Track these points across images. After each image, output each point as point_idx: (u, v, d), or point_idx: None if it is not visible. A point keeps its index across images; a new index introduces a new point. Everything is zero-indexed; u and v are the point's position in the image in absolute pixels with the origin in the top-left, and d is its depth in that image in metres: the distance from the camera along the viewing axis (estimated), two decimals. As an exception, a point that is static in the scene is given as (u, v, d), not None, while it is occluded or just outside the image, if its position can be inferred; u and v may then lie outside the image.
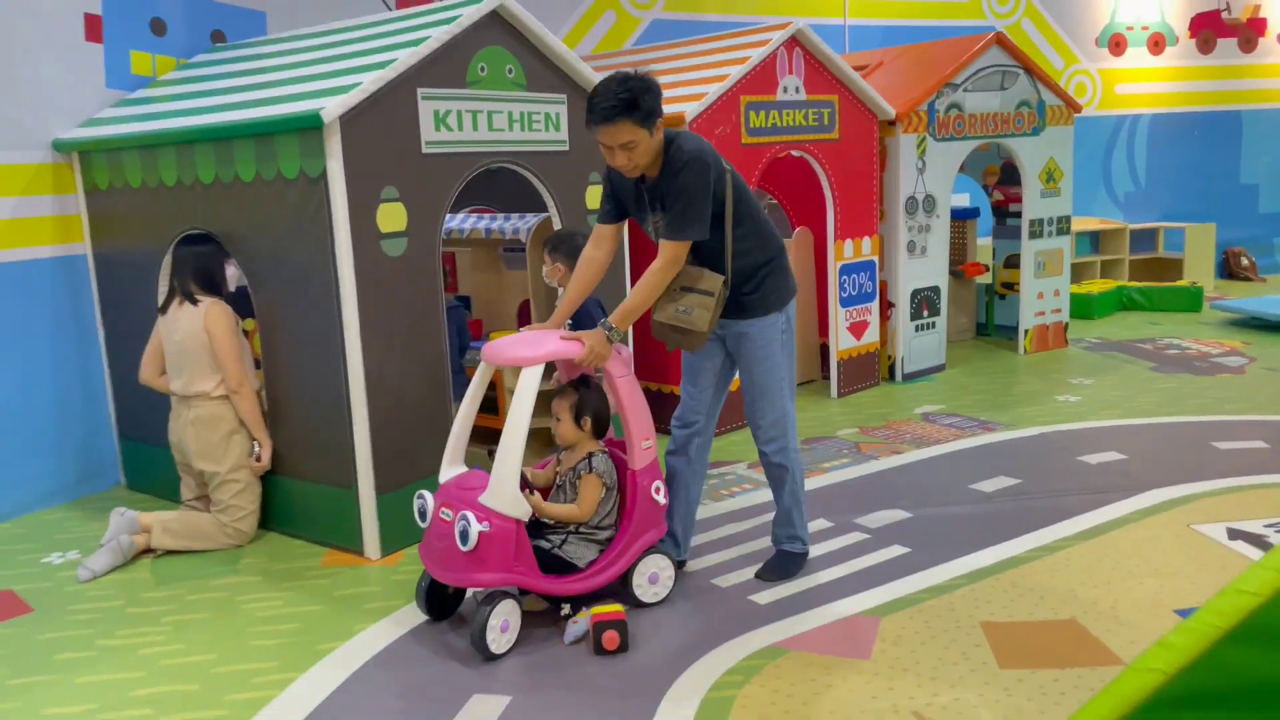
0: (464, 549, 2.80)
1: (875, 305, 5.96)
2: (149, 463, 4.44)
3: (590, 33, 6.99)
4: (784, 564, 3.38)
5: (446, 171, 3.79)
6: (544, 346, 2.93)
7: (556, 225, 4.31)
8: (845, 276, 5.76)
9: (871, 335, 5.96)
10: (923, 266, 6.15)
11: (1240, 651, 1.19)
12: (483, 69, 3.89)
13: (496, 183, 4.70)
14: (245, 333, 3.96)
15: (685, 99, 4.90)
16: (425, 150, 3.71)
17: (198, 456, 3.81)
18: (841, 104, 5.55)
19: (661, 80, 4.29)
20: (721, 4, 7.66)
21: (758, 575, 3.36)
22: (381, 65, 3.53)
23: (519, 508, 2.87)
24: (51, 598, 3.48)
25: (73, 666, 2.98)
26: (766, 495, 4.00)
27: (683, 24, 7.06)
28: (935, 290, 6.26)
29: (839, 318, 5.74)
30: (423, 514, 3.00)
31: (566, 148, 4.29)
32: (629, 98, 2.84)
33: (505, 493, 2.84)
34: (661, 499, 3.18)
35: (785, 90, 5.23)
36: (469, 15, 3.75)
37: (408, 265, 3.67)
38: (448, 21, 3.74)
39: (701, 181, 2.95)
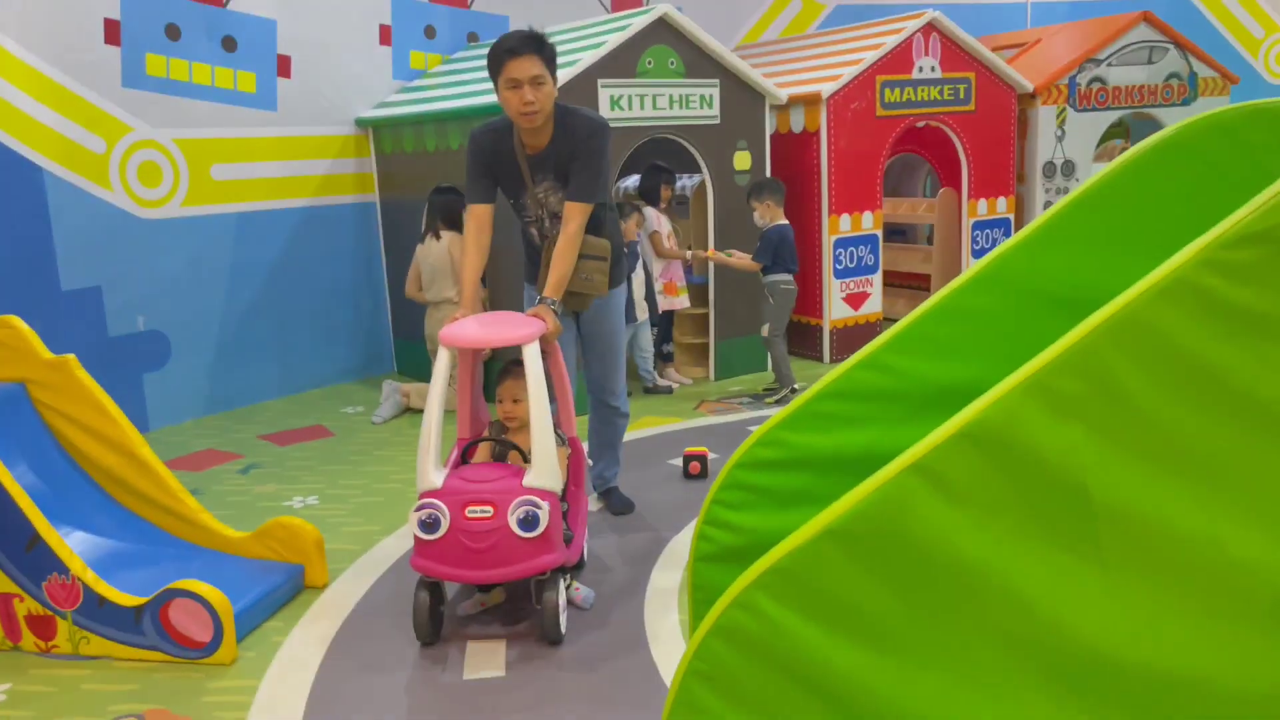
0: (531, 535, 2.71)
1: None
2: (412, 353, 6.11)
3: (777, 20, 8.07)
4: (625, 497, 3.83)
5: (619, 142, 5.13)
6: (528, 325, 2.94)
7: (710, 187, 5.56)
8: (978, 231, 6.61)
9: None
10: (1060, 225, 6.84)
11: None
12: (649, 63, 5.18)
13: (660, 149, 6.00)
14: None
15: (823, 80, 5.96)
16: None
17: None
18: (978, 80, 6.37)
19: (802, 64, 5.44)
20: (906, -13, 8.49)
21: (615, 512, 3.79)
22: (571, 64, 4.90)
23: (559, 481, 2.86)
24: (346, 430, 5.18)
25: (360, 462, 4.63)
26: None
27: (865, 9, 7.97)
28: (1073, 247, 6.92)
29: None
30: (434, 524, 2.74)
31: (718, 121, 5.51)
32: (537, 36, 3.05)
33: (550, 469, 2.79)
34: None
35: (921, 70, 6.16)
36: (638, 24, 5.06)
37: (586, 208, 5.06)
38: (621, 29, 5.06)
39: (608, 147, 3.16)
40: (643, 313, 5.35)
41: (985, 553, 1.44)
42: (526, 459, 2.89)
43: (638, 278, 5.24)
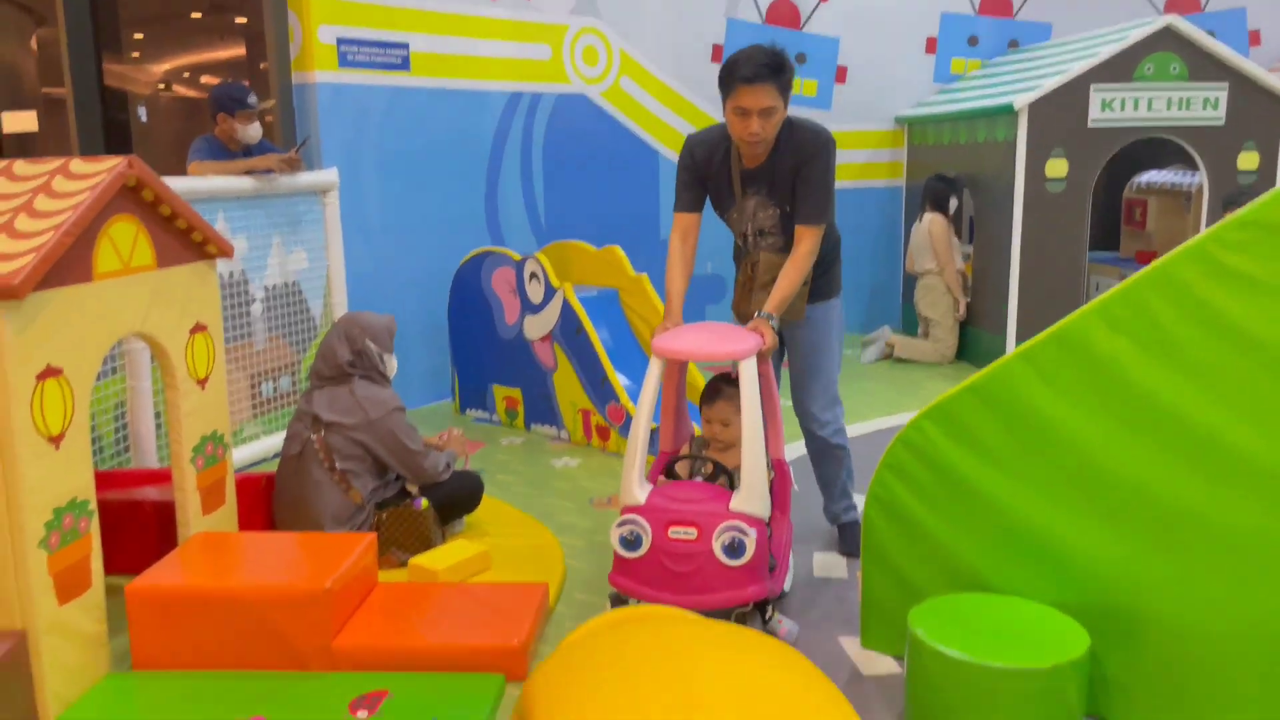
0: (736, 562, 2.60)
1: None
2: (907, 312, 7.24)
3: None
4: (856, 533, 3.26)
5: (1106, 139, 5.69)
6: (747, 339, 2.80)
7: (1205, 184, 5.82)
8: None
9: None
10: None
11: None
12: (1149, 68, 5.64)
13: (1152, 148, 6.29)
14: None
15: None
16: (1090, 125, 5.67)
17: (924, 305, 6.47)
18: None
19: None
20: None
21: (844, 553, 3.42)
22: (1060, 72, 5.60)
23: (767, 507, 2.71)
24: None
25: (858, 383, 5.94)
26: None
27: None
28: None
29: None
30: (636, 542, 2.66)
31: (1222, 123, 5.74)
32: (776, 64, 2.83)
33: (759, 493, 2.67)
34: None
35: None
36: (1136, 34, 5.55)
37: (1062, 198, 5.73)
38: (1117, 40, 5.60)
39: (833, 165, 3.01)
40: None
41: (1060, 413, 2.34)
42: (734, 483, 2.79)
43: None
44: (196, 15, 6.39)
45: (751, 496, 2.66)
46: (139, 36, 8.59)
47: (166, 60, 8.73)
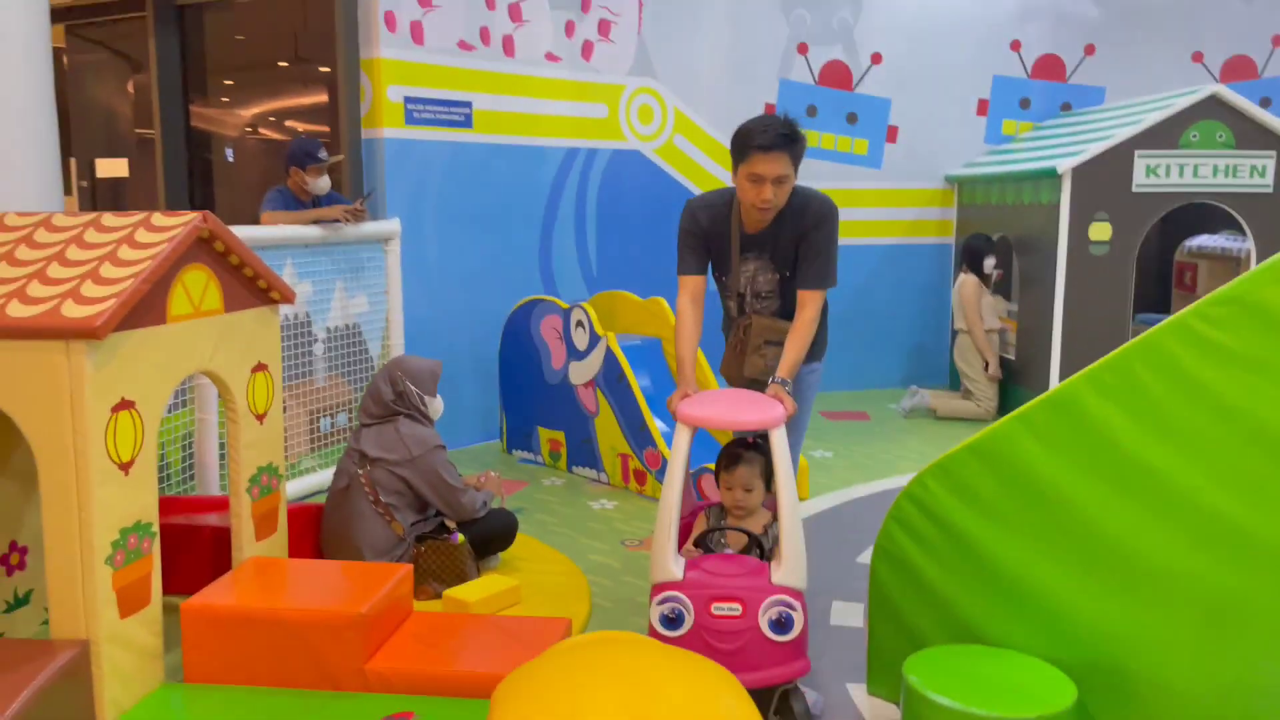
0: (784, 638, 2.56)
1: None
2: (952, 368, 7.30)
3: None
4: None
5: (1151, 204, 5.76)
6: (774, 407, 2.78)
7: (1253, 250, 5.84)
8: None
9: None
10: None
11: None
12: (1194, 136, 5.71)
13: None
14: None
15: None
16: (1135, 189, 5.74)
17: (961, 361, 6.54)
18: None
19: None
20: None
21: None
22: (1106, 137, 5.69)
23: (805, 580, 2.67)
24: (881, 415, 6.62)
25: (888, 436, 6.04)
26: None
27: None
28: None
29: None
30: (677, 620, 2.58)
31: (1270, 189, 5.76)
32: (791, 134, 2.91)
33: (800, 565, 2.64)
34: None
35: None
36: (1181, 103, 5.63)
37: (1106, 261, 5.79)
38: (1162, 108, 5.69)
39: (837, 232, 3.09)
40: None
41: (1053, 474, 2.45)
42: (764, 554, 2.80)
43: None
44: (283, 64, 6.83)
45: (794, 568, 2.62)
46: (229, 83, 9.17)
47: (254, 105, 9.28)
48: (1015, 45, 7.46)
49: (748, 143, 2.91)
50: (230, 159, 6.82)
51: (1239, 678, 2.18)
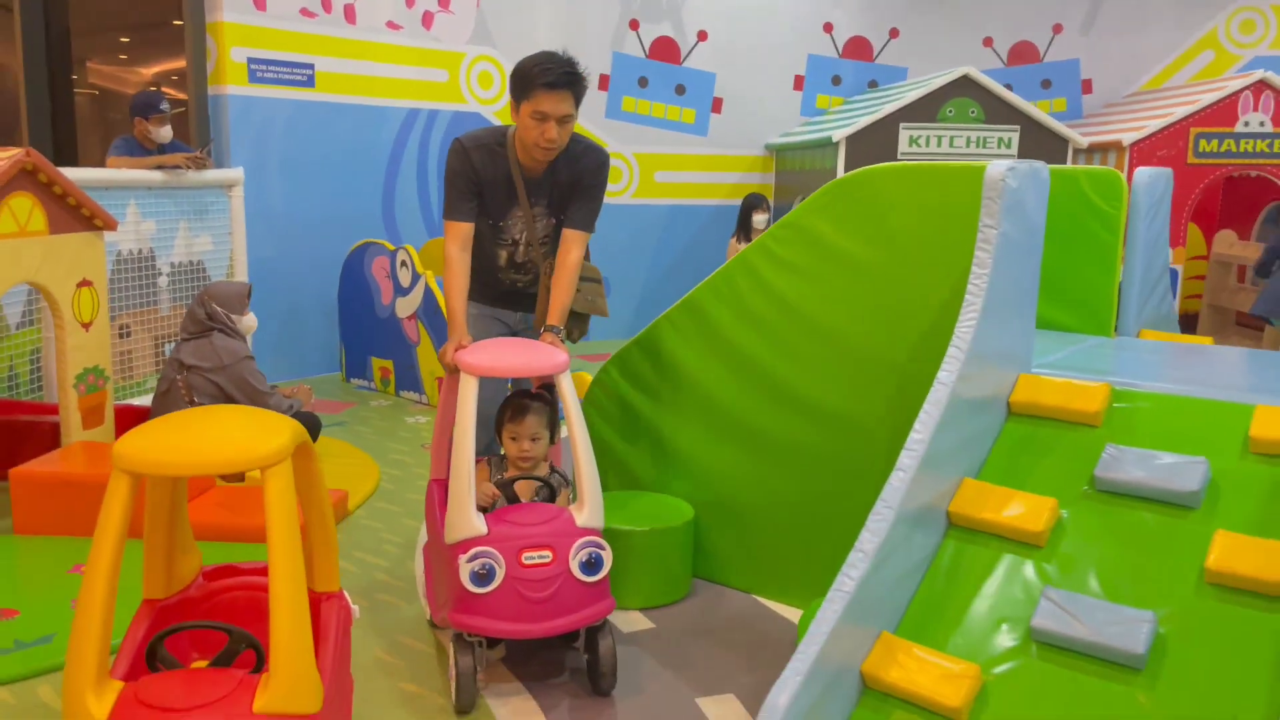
0: (594, 578, 2.57)
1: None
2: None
3: (1185, 68, 8.48)
4: None
5: (914, 170, 6.67)
6: (559, 353, 2.76)
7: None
8: (1311, 281, 6.76)
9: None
10: None
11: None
12: (950, 111, 6.62)
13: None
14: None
15: (1131, 129, 6.77)
16: (899, 157, 6.63)
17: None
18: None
19: (1148, 113, 6.49)
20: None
21: None
22: (873, 112, 6.57)
23: (603, 520, 2.70)
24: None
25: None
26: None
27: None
28: None
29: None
30: (489, 575, 2.50)
31: (1015, 158, 6.71)
32: (575, 72, 2.89)
33: (599, 506, 2.67)
34: None
35: (1247, 124, 6.61)
36: (937, 82, 6.54)
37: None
38: (924, 86, 6.59)
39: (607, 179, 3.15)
40: None
41: (689, 360, 3.25)
42: (555, 499, 2.80)
43: None
44: (178, 23, 7.30)
45: (596, 510, 2.64)
46: (125, 40, 9.47)
47: (155, 65, 9.64)
48: (828, 27, 8.32)
49: (533, 79, 2.82)
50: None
51: (785, 495, 3.02)
